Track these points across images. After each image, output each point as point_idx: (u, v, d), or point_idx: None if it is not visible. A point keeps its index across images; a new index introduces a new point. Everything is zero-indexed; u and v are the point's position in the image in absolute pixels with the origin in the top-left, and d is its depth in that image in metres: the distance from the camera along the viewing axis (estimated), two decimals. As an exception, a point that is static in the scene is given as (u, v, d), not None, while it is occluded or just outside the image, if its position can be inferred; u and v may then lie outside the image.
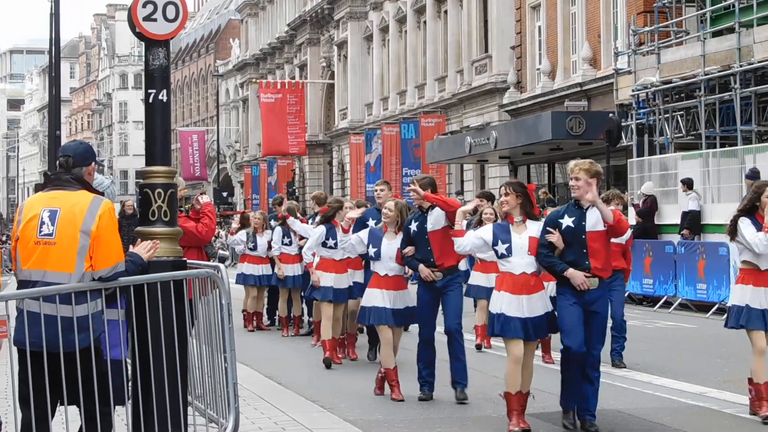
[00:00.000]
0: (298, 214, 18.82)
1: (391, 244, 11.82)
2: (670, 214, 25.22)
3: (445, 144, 42.75)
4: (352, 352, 15.28)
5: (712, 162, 24.96)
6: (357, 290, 14.56)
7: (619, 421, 10.26)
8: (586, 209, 9.70)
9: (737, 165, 24.07)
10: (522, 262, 9.78)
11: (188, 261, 8.05)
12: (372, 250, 11.93)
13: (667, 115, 29.31)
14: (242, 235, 19.82)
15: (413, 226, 11.59)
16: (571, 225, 9.67)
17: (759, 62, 25.49)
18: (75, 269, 6.77)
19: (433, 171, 45.96)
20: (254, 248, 19.47)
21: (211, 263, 8.66)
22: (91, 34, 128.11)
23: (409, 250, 11.57)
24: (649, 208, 25.40)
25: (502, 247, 9.83)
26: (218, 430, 7.73)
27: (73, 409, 7.01)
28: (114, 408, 7.04)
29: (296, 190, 61.20)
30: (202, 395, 8.22)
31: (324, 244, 14.79)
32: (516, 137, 36.08)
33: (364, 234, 12.17)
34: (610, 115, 31.00)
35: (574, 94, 36.68)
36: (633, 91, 30.36)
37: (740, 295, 10.31)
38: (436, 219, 11.51)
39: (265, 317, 20.09)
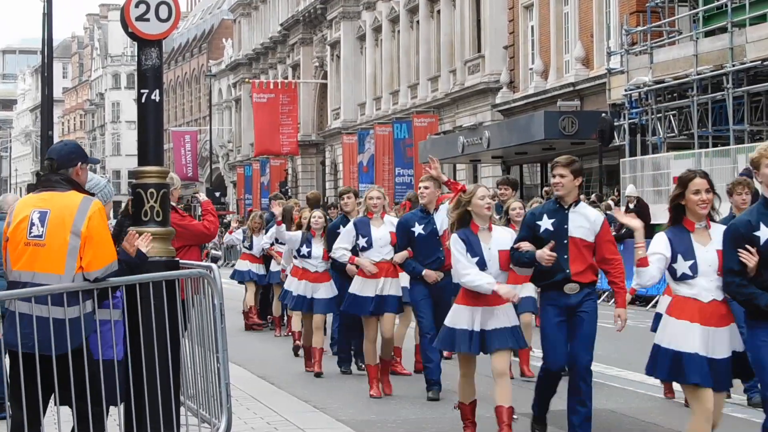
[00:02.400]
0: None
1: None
2: (662, 214, 25.22)
3: (438, 144, 42.73)
4: (387, 386, 12.21)
5: (704, 162, 24.98)
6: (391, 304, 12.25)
7: (612, 421, 10.26)
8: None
9: (730, 165, 24.10)
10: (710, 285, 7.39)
11: (181, 261, 8.05)
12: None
13: (660, 115, 29.35)
14: (239, 233, 19.98)
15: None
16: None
17: (751, 62, 25.52)
18: (65, 271, 6.76)
19: (426, 171, 45.92)
20: (250, 247, 19.73)
21: (203, 263, 8.65)
22: (83, 34, 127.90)
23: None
24: (640, 209, 25.41)
25: (684, 266, 7.43)
26: (210, 430, 7.72)
27: (65, 409, 7.01)
28: (107, 408, 7.04)
29: (289, 190, 61.11)
30: (194, 395, 8.21)
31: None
32: (509, 137, 36.10)
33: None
34: (603, 114, 31.01)
35: (566, 93, 36.69)
36: (626, 90, 30.39)
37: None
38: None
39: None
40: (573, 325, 8.85)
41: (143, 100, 7.69)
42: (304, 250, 13.72)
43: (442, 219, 11.10)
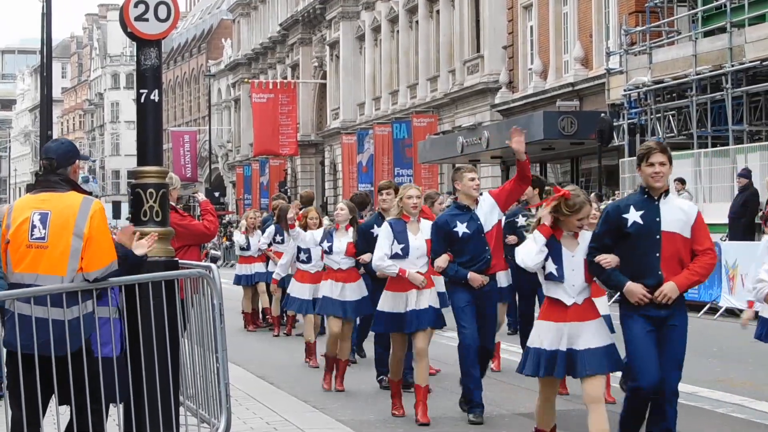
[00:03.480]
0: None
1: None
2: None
3: (437, 144, 42.75)
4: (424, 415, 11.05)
5: (703, 162, 25.00)
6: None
7: (610, 421, 10.23)
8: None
9: (729, 165, 24.11)
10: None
11: (180, 261, 8.05)
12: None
13: (659, 115, 29.35)
14: (241, 237, 19.94)
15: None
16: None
17: (750, 62, 25.53)
18: (67, 273, 6.75)
19: (425, 171, 45.99)
20: (247, 248, 19.72)
21: (203, 263, 8.65)
22: (82, 34, 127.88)
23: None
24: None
25: None
26: (210, 430, 7.72)
27: (64, 409, 7.00)
28: (107, 407, 7.03)
29: (288, 191, 61.11)
30: (193, 395, 8.21)
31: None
32: (508, 137, 36.03)
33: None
34: (602, 114, 31.02)
35: (565, 93, 36.69)
36: (625, 90, 30.40)
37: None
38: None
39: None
40: (661, 340, 7.67)
41: (142, 100, 7.69)
42: (326, 245, 12.45)
43: (485, 215, 10.25)
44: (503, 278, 11.81)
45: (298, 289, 14.28)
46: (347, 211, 12.63)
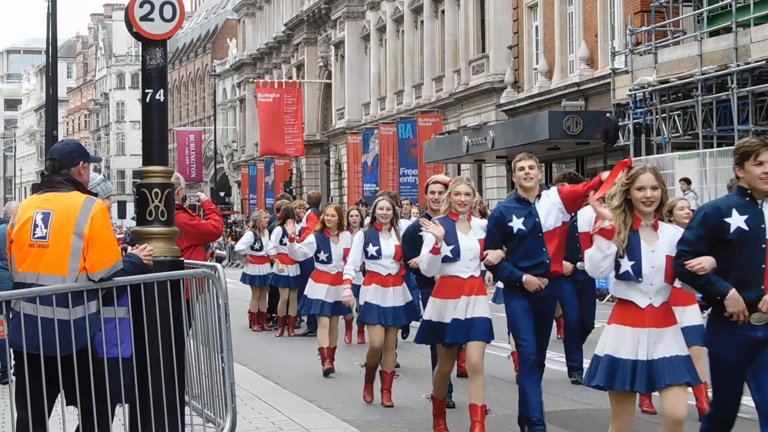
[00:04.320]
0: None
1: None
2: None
3: (443, 144, 42.74)
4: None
5: (709, 162, 24.98)
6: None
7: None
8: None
9: (734, 165, 24.04)
10: None
11: (186, 261, 8.05)
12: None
13: (664, 115, 29.33)
14: (249, 237, 19.88)
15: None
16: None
17: (756, 62, 25.51)
18: (68, 272, 6.76)
19: (431, 171, 45.96)
20: (260, 248, 19.53)
21: (208, 263, 8.65)
22: (88, 33, 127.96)
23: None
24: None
25: None
26: (215, 430, 7.73)
27: (70, 409, 7.01)
28: (113, 407, 7.04)
29: (293, 190, 61.12)
30: (199, 395, 8.21)
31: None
32: (513, 137, 36.06)
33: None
34: (608, 114, 30.99)
35: (571, 93, 36.67)
36: (630, 90, 30.37)
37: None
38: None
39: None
40: (760, 361, 6.76)
41: (148, 100, 7.69)
42: (372, 248, 11.36)
43: (546, 211, 9.06)
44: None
45: (313, 290, 13.81)
46: (391, 210, 11.59)
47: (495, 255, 8.95)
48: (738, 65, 25.99)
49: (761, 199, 6.75)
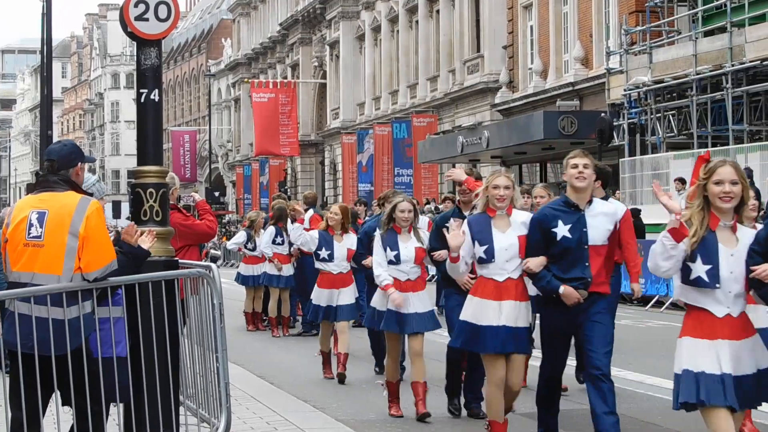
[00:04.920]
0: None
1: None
2: (661, 214, 25.23)
3: (437, 144, 42.76)
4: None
5: (703, 161, 24.94)
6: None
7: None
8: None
9: (729, 164, 24.05)
10: None
11: (180, 261, 8.05)
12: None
13: (659, 115, 29.37)
14: (241, 236, 19.87)
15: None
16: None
17: (750, 62, 25.54)
18: (63, 271, 6.76)
19: (425, 171, 45.99)
20: (253, 248, 19.50)
21: (202, 263, 8.65)
22: (82, 33, 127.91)
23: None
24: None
25: None
26: (210, 430, 7.72)
27: (64, 409, 7.00)
28: (107, 406, 7.03)
29: (288, 190, 61.14)
30: (193, 395, 8.21)
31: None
32: (508, 137, 36.10)
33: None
34: (602, 114, 31.03)
35: (566, 93, 36.70)
36: (625, 90, 30.42)
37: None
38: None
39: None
40: None
41: (142, 100, 7.69)
42: (390, 253, 10.30)
43: (597, 222, 8.17)
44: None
45: (317, 296, 12.99)
46: (413, 212, 10.49)
47: (536, 263, 8.08)
48: (733, 65, 26.03)
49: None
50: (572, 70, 36.95)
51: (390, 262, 10.28)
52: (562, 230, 8.05)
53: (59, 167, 7.00)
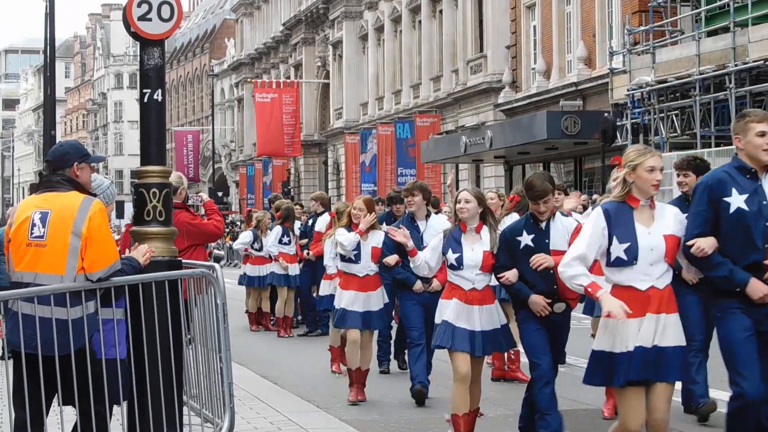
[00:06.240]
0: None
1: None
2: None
3: (440, 144, 42.74)
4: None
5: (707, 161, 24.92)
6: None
7: (610, 420, 10.23)
8: None
9: (732, 164, 24.04)
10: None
11: (183, 261, 8.05)
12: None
13: (662, 115, 29.33)
14: (248, 236, 19.83)
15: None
16: None
17: (754, 62, 25.51)
18: (65, 271, 6.76)
19: (428, 171, 45.98)
20: (260, 248, 19.45)
21: (206, 263, 8.65)
22: (86, 33, 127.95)
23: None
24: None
25: None
26: (214, 430, 7.72)
27: (68, 409, 7.00)
28: (110, 408, 7.04)
29: (291, 190, 61.14)
30: (197, 395, 8.21)
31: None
32: (511, 137, 36.09)
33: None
34: (605, 114, 31.00)
35: (569, 93, 36.68)
36: (628, 90, 30.37)
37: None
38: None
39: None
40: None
41: (146, 100, 7.68)
42: (452, 256, 8.77)
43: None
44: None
45: (347, 300, 11.57)
46: (476, 204, 8.89)
47: (708, 243, 6.73)
48: (736, 65, 26.00)
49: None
50: (575, 70, 36.93)
51: (451, 267, 8.80)
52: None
53: (55, 167, 7.03)
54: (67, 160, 7.06)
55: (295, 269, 18.56)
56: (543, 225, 8.31)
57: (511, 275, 8.23)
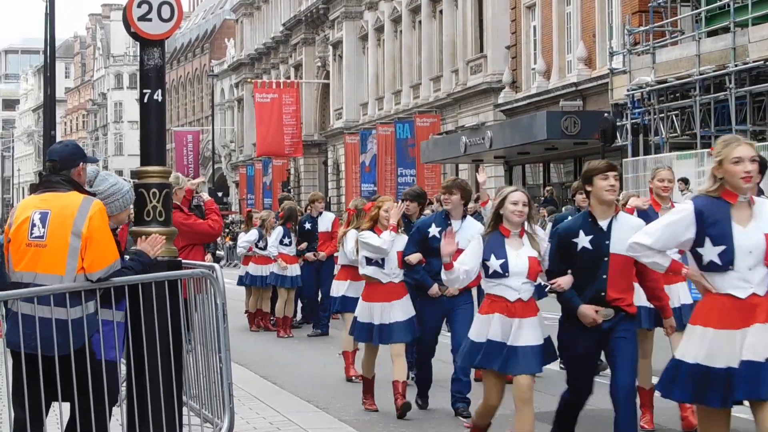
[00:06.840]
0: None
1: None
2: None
3: (440, 144, 42.75)
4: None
5: (707, 162, 24.92)
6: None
7: (610, 422, 10.23)
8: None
9: (732, 165, 24.05)
10: None
11: (183, 261, 8.05)
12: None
13: (662, 115, 29.34)
14: (254, 234, 19.76)
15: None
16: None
17: (754, 62, 25.52)
18: (65, 272, 6.76)
19: (428, 171, 45.98)
20: (264, 247, 19.39)
21: (206, 263, 8.65)
22: (86, 33, 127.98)
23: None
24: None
25: None
26: (213, 430, 7.72)
27: (67, 407, 7.01)
28: (110, 408, 7.04)
29: (291, 190, 61.14)
30: (197, 395, 8.21)
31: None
32: (511, 137, 36.10)
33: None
34: (605, 114, 31.01)
35: (569, 93, 36.68)
36: (628, 90, 30.38)
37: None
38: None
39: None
40: None
41: (145, 100, 7.68)
42: (495, 263, 7.89)
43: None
44: None
45: (368, 312, 10.75)
46: (527, 206, 8.11)
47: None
48: (736, 65, 26.01)
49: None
50: (575, 71, 36.93)
51: (494, 275, 7.90)
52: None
53: (61, 167, 7.01)
54: (74, 160, 7.07)
55: (295, 270, 18.55)
56: (604, 224, 7.48)
57: (564, 282, 7.48)
